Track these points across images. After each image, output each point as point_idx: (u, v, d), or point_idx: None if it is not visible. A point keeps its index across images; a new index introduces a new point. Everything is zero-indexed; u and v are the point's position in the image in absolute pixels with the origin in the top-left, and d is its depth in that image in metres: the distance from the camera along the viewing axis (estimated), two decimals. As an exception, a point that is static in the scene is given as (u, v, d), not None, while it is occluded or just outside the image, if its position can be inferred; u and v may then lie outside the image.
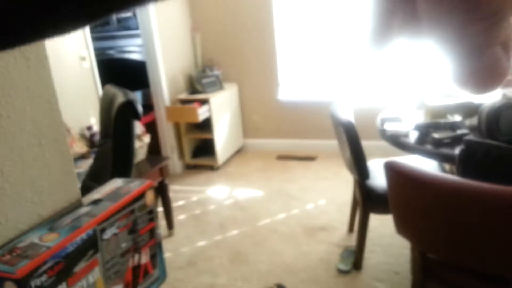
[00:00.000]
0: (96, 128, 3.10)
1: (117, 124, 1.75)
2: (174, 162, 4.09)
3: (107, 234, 0.91)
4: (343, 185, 3.36)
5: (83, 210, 0.91)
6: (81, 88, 3.14)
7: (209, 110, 3.89)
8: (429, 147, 2.08)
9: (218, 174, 3.98)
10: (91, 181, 2.10)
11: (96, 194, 1.00)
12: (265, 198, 3.40)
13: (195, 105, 3.81)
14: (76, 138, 2.79)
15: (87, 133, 3.10)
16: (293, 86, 4.27)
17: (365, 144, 3.49)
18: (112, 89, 2.12)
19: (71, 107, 3.04)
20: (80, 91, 3.13)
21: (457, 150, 1.87)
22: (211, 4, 4.25)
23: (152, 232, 1.12)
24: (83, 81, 3.16)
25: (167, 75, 3.97)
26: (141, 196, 1.09)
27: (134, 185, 1.09)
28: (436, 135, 2.09)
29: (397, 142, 2.21)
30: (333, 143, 2.90)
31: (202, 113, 3.82)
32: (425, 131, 2.16)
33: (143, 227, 1.05)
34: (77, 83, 3.10)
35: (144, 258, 1.08)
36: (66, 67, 3.01)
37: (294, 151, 4.30)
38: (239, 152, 4.45)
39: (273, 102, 4.32)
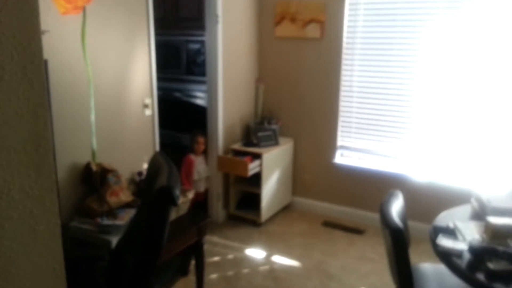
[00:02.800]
0: (145, 173, 3.16)
1: (154, 207, 1.76)
2: (218, 211, 4.09)
3: None
4: (387, 271, 3.14)
5: None
6: (140, 134, 3.24)
7: (260, 165, 3.86)
8: (481, 277, 1.87)
9: (260, 231, 3.91)
10: (124, 247, 2.12)
11: None
12: (302, 271, 3.26)
13: (246, 159, 3.80)
14: (124, 187, 2.85)
15: (137, 178, 3.17)
16: (350, 150, 4.13)
17: (419, 226, 3.30)
18: (160, 159, 2.14)
19: (127, 152, 3.13)
20: (138, 137, 3.22)
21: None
22: (278, 58, 4.27)
23: None
24: (142, 127, 3.25)
25: (225, 123, 4.00)
26: None
27: None
28: (491, 265, 1.88)
29: (447, 260, 2.02)
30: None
31: (252, 168, 3.79)
32: (479, 257, 1.96)
33: None
34: (136, 129, 3.20)
35: None
36: (128, 113, 3.12)
37: (342, 219, 4.13)
38: (285, 209, 4.35)
39: (328, 164, 4.20)
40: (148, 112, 3.28)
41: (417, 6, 3.57)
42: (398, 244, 2.10)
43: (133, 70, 3.12)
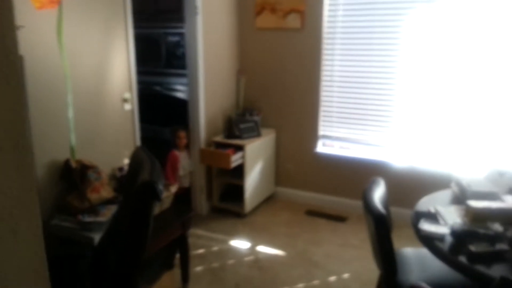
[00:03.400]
0: (127, 169, 3.12)
1: (137, 203, 1.73)
2: (201, 203, 4.07)
3: None
4: (370, 257, 3.19)
5: None
6: (119, 129, 3.18)
7: (243, 157, 3.85)
8: (463, 259, 1.92)
9: (244, 223, 3.91)
10: (107, 243, 2.09)
11: None
12: (287, 260, 3.29)
13: (229, 151, 3.78)
14: (105, 183, 2.81)
15: (118, 174, 3.13)
16: (332, 140, 4.16)
17: (401, 211, 3.35)
18: (141, 154, 2.11)
19: (107, 148, 3.08)
20: (118, 132, 3.17)
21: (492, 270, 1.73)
22: (259, 49, 4.25)
23: None
24: (122, 122, 3.19)
25: (206, 116, 3.97)
26: None
27: None
28: (472, 247, 1.92)
29: (430, 245, 2.06)
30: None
31: (235, 160, 3.78)
32: (461, 240, 2.00)
33: None
34: (116, 124, 3.14)
35: None
36: (107, 107, 3.06)
37: (325, 207, 4.17)
38: (269, 199, 4.36)
39: (310, 153, 4.22)
40: (127, 106, 3.22)
41: (396, -6, 3.59)
42: (381, 230, 2.13)
43: (112, 64, 3.06)
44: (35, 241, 0.80)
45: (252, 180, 4.01)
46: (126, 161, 3.17)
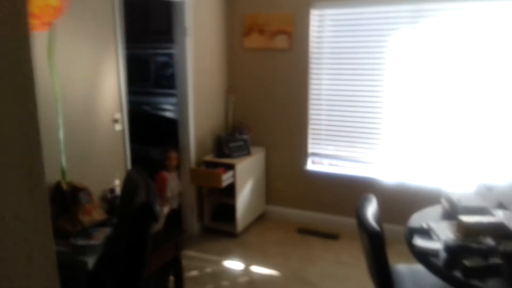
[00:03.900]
0: (118, 190, 3.09)
1: (135, 225, 1.72)
2: (192, 224, 4.04)
3: None
4: (365, 274, 3.20)
5: None
6: (110, 150, 3.16)
7: (234, 176, 3.85)
8: (458, 274, 1.94)
9: (236, 242, 3.89)
10: (102, 267, 2.06)
11: None
12: (282, 280, 3.27)
13: (219, 170, 3.78)
14: (97, 205, 2.77)
15: (109, 195, 3.09)
16: (321, 157, 4.20)
17: (392, 228, 3.37)
18: (136, 175, 2.10)
19: (98, 169, 3.05)
20: (109, 153, 3.15)
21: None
22: (247, 69, 4.31)
23: None
24: (112, 143, 3.18)
25: (196, 135, 3.98)
26: None
27: None
28: (467, 262, 1.95)
29: (425, 260, 2.08)
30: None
31: (226, 179, 3.78)
32: (455, 255, 2.03)
33: None
34: (106, 145, 3.13)
35: None
36: (98, 129, 3.05)
37: (316, 225, 4.18)
38: (260, 218, 4.36)
39: (300, 171, 4.25)
40: (118, 127, 3.21)
41: (382, 15, 3.71)
42: (377, 247, 2.15)
43: (102, 85, 3.06)
44: (49, 267, 0.79)
45: (243, 199, 4.01)
46: (117, 182, 3.14)
